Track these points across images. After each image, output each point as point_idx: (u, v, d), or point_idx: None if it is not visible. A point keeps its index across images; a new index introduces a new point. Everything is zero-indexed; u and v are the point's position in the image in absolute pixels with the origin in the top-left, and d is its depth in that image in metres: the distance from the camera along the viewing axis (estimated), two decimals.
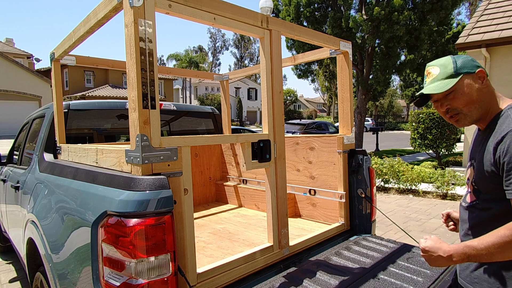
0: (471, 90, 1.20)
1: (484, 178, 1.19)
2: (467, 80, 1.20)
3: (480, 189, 1.23)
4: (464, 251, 1.12)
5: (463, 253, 1.12)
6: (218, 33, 66.11)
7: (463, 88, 1.20)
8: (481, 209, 1.24)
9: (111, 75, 28.99)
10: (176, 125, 3.70)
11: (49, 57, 2.37)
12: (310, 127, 15.04)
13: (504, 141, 1.10)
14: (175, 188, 1.39)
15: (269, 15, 2.04)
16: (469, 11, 38.24)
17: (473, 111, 1.22)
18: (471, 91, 1.20)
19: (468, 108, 1.21)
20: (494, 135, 1.17)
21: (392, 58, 11.71)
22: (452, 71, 1.22)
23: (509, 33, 6.51)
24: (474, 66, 1.22)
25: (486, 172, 1.18)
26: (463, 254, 1.12)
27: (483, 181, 1.21)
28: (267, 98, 1.87)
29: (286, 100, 46.38)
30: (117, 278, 1.27)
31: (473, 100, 1.20)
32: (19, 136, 3.68)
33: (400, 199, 6.62)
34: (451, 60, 1.24)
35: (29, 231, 2.13)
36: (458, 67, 1.21)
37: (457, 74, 1.21)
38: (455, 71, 1.21)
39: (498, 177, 1.13)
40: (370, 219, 2.43)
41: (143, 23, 1.30)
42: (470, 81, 1.20)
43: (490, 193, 1.19)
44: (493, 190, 1.17)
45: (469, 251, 1.11)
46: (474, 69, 1.21)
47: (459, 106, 1.22)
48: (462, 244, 1.14)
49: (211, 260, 2.04)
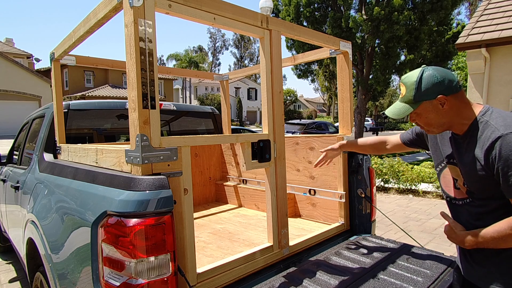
0: (429, 114, 1.32)
1: (476, 182, 1.30)
2: (425, 105, 1.30)
3: (473, 191, 1.33)
4: (473, 239, 1.30)
5: (473, 240, 1.30)
6: (218, 33, 66.13)
7: (421, 112, 1.32)
8: (477, 206, 1.34)
9: (111, 75, 28.98)
10: (176, 125, 3.70)
11: (49, 57, 2.37)
12: (310, 127, 15.04)
13: (494, 147, 1.20)
14: (175, 188, 1.39)
15: (269, 15, 2.04)
16: (469, 11, 38.24)
17: (434, 129, 1.35)
18: (429, 115, 1.32)
19: (428, 127, 1.36)
20: (479, 142, 1.26)
21: (392, 58, 11.72)
22: (412, 98, 1.31)
23: (509, 33, 6.51)
24: (435, 92, 1.27)
25: (477, 176, 1.28)
26: (473, 242, 1.30)
27: (475, 184, 1.31)
28: (267, 98, 1.87)
29: (286, 100, 46.40)
30: (117, 278, 1.27)
31: (431, 122, 1.33)
32: (19, 136, 3.68)
33: (400, 199, 6.62)
34: (414, 86, 1.30)
35: (29, 231, 2.13)
36: (418, 95, 1.29)
37: (416, 102, 1.30)
38: (414, 100, 1.31)
39: (491, 178, 1.24)
40: (370, 219, 2.43)
41: (143, 23, 1.30)
42: (429, 106, 1.30)
43: (484, 193, 1.30)
44: (486, 191, 1.28)
45: (478, 239, 1.29)
46: (434, 95, 1.28)
47: (421, 124, 1.37)
48: (471, 233, 1.32)
49: (211, 260, 2.04)
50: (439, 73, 1.29)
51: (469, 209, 1.37)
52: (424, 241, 4.28)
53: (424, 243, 4.13)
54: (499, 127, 1.21)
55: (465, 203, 1.39)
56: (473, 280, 1.40)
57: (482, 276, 1.36)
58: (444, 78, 1.28)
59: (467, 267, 1.43)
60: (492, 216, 1.27)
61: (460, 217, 1.42)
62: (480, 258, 1.37)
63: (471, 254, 1.40)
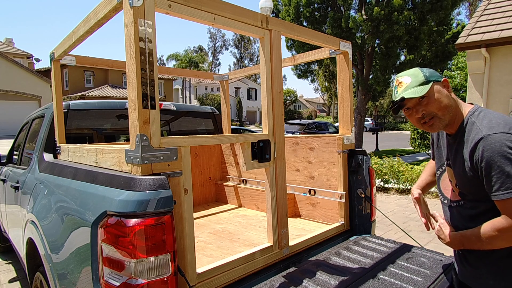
0: (442, 95, 1.32)
1: (467, 183, 1.32)
2: (437, 86, 1.33)
3: (465, 192, 1.35)
4: (460, 240, 1.37)
5: (459, 241, 1.37)
6: (218, 33, 66.12)
7: (434, 93, 1.32)
8: (469, 208, 1.35)
9: (111, 75, 28.97)
10: (176, 125, 3.70)
11: (49, 57, 2.37)
12: (310, 127, 15.04)
13: (477, 148, 1.22)
14: (175, 188, 1.39)
15: (269, 15, 2.04)
16: (469, 11, 38.24)
17: (446, 115, 1.33)
18: (441, 97, 1.32)
19: (442, 112, 1.33)
20: (466, 143, 1.30)
21: (392, 58, 11.72)
22: (423, 79, 1.33)
23: (509, 33, 6.50)
24: (440, 76, 1.36)
25: (467, 178, 1.30)
26: (460, 242, 1.37)
27: (466, 185, 1.33)
28: (267, 98, 1.87)
29: (286, 100, 46.39)
30: (117, 278, 1.27)
31: (444, 105, 1.32)
32: (18, 136, 3.67)
33: (400, 199, 6.62)
34: (419, 70, 1.36)
35: (29, 231, 2.13)
36: (428, 75, 1.34)
37: (428, 81, 1.32)
38: (426, 79, 1.33)
39: (478, 180, 1.26)
40: (370, 219, 2.43)
41: (143, 23, 1.30)
42: (440, 87, 1.34)
43: (475, 195, 1.31)
44: (476, 192, 1.29)
45: (464, 240, 1.35)
46: (440, 78, 1.35)
47: (434, 110, 1.32)
48: (458, 234, 1.38)
49: (211, 260, 2.04)
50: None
51: (461, 211, 1.38)
52: (424, 241, 4.28)
53: (424, 243, 4.13)
54: (482, 129, 1.23)
55: (459, 205, 1.40)
56: (467, 281, 1.41)
57: (475, 277, 1.37)
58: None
59: (461, 268, 1.44)
60: (483, 219, 1.27)
61: (454, 219, 1.43)
62: (472, 259, 1.37)
63: (465, 255, 1.41)
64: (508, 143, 1.15)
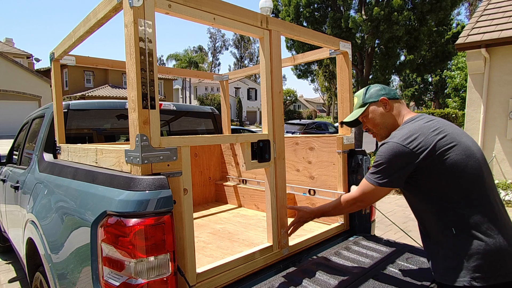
0: (375, 115, 1.57)
1: None
2: (372, 107, 1.58)
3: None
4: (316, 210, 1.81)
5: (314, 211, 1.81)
6: (218, 33, 66.13)
7: (369, 114, 1.59)
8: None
9: (111, 75, 28.98)
10: (176, 125, 3.70)
11: (49, 57, 2.37)
12: (309, 127, 15.04)
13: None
14: (174, 188, 1.39)
15: (269, 15, 2.04)
16: (469, 11, 38.26)
17: (380, 130, 1.58)
18: (375, 116, 1.57)
19: (376, 128, 1.59)
20: None
21: (391, 58, 11.73)
22: (361, 102, 1.61)
23: (509, 33, 6.50)
24: (379, 95, 1.57)
25: None
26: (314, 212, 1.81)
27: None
28: (266, 98, 1.87)
29: (286, 100, 46.40)
30: (117, 278, 1.27)
31: (377, 123, 1.57)
32: (18, 136, 3.67)
33: (400, 199, 6.62)
34: (363, 92, 1.62)
35: (29, 231, 2.13)
36: (367, 97, 1.59)
37: (364, 104, 1.59)
38: (363, 102, 1.60)
39: None
40: (369, 219, 2.43)
41: (142, 23, 1.30)
42: (375, 107, 1.57)
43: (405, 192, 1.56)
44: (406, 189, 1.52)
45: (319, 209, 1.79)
46: (377, 98, 1.56)
47: (370, 127, 1.62)
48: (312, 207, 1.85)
49: (210, 260, 2.04)
50: (382, 85, 1.62)
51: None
52: None
53: None
54: (390, 136, 1.42)
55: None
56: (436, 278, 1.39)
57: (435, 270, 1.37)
58: (385, 88, 1.60)
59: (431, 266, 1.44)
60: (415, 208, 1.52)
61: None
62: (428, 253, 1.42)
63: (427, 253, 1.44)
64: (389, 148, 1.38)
